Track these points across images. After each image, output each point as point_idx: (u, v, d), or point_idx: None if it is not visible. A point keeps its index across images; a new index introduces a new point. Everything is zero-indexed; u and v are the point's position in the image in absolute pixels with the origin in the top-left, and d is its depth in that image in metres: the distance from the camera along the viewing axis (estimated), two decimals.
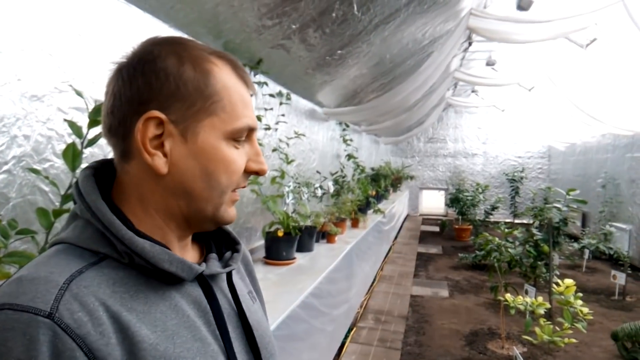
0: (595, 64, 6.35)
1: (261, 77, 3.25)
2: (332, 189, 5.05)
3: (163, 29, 2.17)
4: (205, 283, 0.66)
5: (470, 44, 6.80)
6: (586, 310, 3.16)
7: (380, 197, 7.47)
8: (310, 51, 3.41)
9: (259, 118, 3.11)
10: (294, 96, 4.13)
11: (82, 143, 1.25)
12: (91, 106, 1.25)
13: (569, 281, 3.21)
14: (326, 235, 3.93)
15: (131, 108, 0.60)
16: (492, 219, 9.37)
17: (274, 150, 3.52)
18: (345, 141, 6.26)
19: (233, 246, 0.77)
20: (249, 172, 0.67)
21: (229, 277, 0.73)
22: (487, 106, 11.30)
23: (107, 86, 0.63)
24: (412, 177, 10.88)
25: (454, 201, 9.76)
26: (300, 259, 3.16)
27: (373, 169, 8.44)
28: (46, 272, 0.53)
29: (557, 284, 3.27)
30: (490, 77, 7.86)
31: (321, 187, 4.62)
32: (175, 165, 0.61)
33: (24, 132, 1.47)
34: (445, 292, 5.77)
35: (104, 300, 0.53)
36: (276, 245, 2.98)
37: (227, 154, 0.63)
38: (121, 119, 0.61)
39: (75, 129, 1.24)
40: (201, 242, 0.76)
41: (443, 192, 13.46)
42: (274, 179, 3.28)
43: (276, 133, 3.64)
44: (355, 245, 4.09)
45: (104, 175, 0.66)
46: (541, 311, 3.32)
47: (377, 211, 6.05)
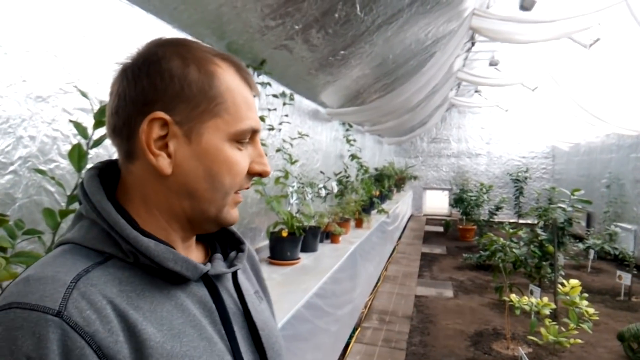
0: (599, 64, 6.33)
1: (264, 78, 3.26)
2: (336, 189, 5.06)
3: (167, 30, 2.18)
4: (211, 283, 0.66)
5: (473, 44, 6.79)
6: (592, 310, 3.15)
7: (384, 198, 7.46)
8: (313, 52, 3.42)
9: (262, 118, 3.11)
10: (297, 96, 4.13)
11: (87, 144, 1.26)
12: (96, 107, 1.25)
13: (574, 281, 3.20)
14: (330, 236, 3.93)
15: (136, 109, 0.61)
16: (496, 219, 9.34)
17: (278, 150, 3.53)
18: (348, 141, 6.26)
19: (238, 246, 0.77)
20: (252, 173, 0.67)
21: (235, 277, 0.73)
22: (491, 106, 11.27)
23: (112, 87, 0.63)
24: (415, 178, 10.87)
25: (457, 201, 9.73)
26: (305, 259, 3.16)
27: (377, 169, 8.45)
28: (53, 271, 0.53)
29: (562, 285, 3.26)
30: (494, 77, 7.84)
31: (325, 187, 4.62)
32: (179, 166, 0.62)
33: (30, 133, 1.48)
34: (449, 293, 5.76)
35: (111, 298, 0.54)
36: (280, 246, 2.99)
37: (230, 155, 0.63)
38: (126, 120, 0.61)
39: (80, 129, 1.25)
40: (206, 242, 0.77)
41: (447, 192, 13.44)
42: (277, 180, 3.28)
43: (280, 133, 3.64)
44: (359, 246, 4.09)
45: (108, 176, 0.66)
46: (546, 311, 3.31)
47: (380, 211, 6.05)
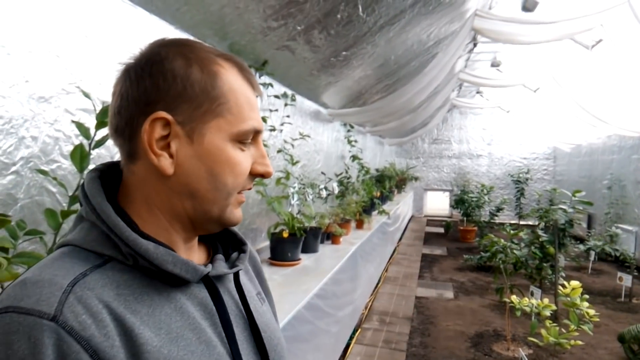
0: (601, 65, 6.32)
1: (266, 79, 3.26)
2: (337, 190, 5.05)
3: (169, 31, 2.18)
4: (212, 284, 0.66)
5: (475, 45, 6.80)
6: (592, 312, 3.14)
7: (384, 198, 7.46)
8: (315, 52, 3.42)
9: (264, 119, 3.11)
10: (298, 97, 4.13)
11: (89, 144, 1.26)
12: (98, 107, 1.25)
13: (575, 283, 3.19)
14: (331, 237, 3.93)
15: (138, 108, 0.60)
16: (497, 220, 9.33)
17: (279, 151, 3.53)
18: (349, 142, 6.26)
19: (240, 247, 0.77)
20: (254, 174, 0.67)
21: (237, 278, 0.72)
22: (492, 107, 11.27)
23: (115, 87, 0.63)
24: (416, 179, 10.86)
25: (458, 202, 9.73)
26: (305, 260, 3.16)
27: (378, 170, 8.45)
28: (50, 274, 0.53)
29: (563, 286, 3.25)
30: (495, 78, 7.84)
31: (326, 188, 4.62)
32: (181, 166, 0.61)
33: (32, 134, 1.48)
34: (450, 294, 5.75)
35: (108, 302, 0.53)
36: (281, 246, 2.99)
37: (232, 155, 0.63)
38: (128, 120, 0.61)
39: (82, 130, 1.25)
40: (208, 243, 0.76)
41: (448, 194, 13.43)
42: (279, 180, 3.29)
43: (281, 134, 3.64)
44: (360, 247, 4.09)
45: (110, 178, 0.66)
46: (547, 313, 3.30)
47: (381, 212, 6.05)
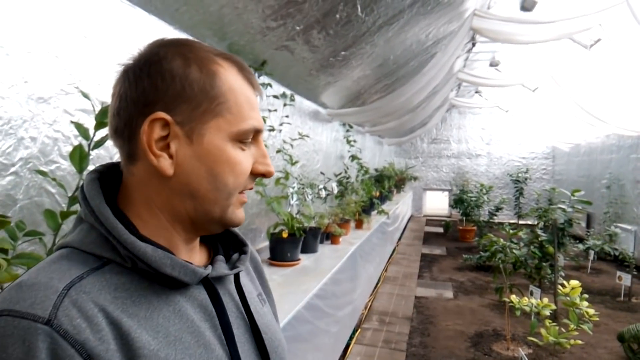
0: (600, 64, 6.33)
1: (265, 79, 3.26)
2: (336, 190, 5.06)
3: (168, 31, 2.18)
4: (211, 286, 0.65)
5: (473, 44, 6.80)
6: (592, 311, 3.14)
7: (384, 198, 7.46)
8: (314, 52, 3.42)
9: (263, 119, 3.11)
10: (297, 97, 4.13)
11: (88, 145, 1.26)
12: (98, 108, 1.25)
13: (574, 282, 3.20)
14: (330, 237, 3.93)
15: (137, 109, 0.60)
16: (497, 219, 9.34)
17: (278, 151, 3.53)
18: (349, 142, 6.26)
19: (240, 248, 0.77)
20: (255, 174, 0.66)
21: (237, 279, 0.72)
22: (491, 107, 11.29)
23: (114, 88, 0.63)
24: (415, 178, 10.87)
25: (457, 202, 9.73)
26: (305, 260, 3.16)
27: (377, 170, 8.45)
28: (46, 277, 0.53)
29: (563, 285, 3.25)
30: (494, 78, 7.84)
31: (325, 188, 4.62)
32: (181, 167, 0.61)
33: (31, 134, 1.48)
34: (449, 293, 5.75)
35: (104, 306, 0.53)
36: (281, 247, 2.99)
37: (232, 155, 0.63)
38: (127, 121, 0.61)
39: (82, 130, 1.24)
40: (209, 244, 0.76)
41: (447, 193, 13.43)
42: (278, 180, 3.28)
43: (280, 134, 3.64)
44: (360, 247, 4.09)
45: (110, 179, 0.65)
46: (547, 312, 3.31)
47: (381, 212, 6.05)
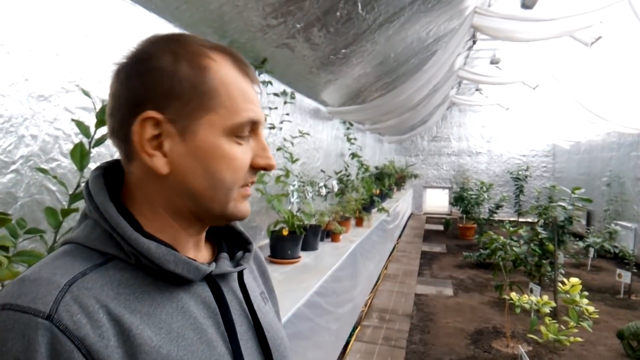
0: (600, 62, 6.32)
1: (266, 77, 3.25)
2: (337, 187, 5.06)
3: (169, 29, 2.17)
4: (215, 283, 0.65)
5: (474, 42, 6.79)
6: (592, 309, 3.15)
7: (384, 196, 7.46)
8: (315, 50, 3.41)
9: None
10: (298, 95, 4.13)
11: (89, 143, 1.26)
12: (98, 106, 1.25)
13: (574, 280, 3.20)
14: (331, 234, 3.93)
15: (129, 109, 0.60)
16: (497, 217, 9.34)
17: (279, 149, 3.53)
18: (349, 140, 6.26)
19: (245, 246, 0.77)
20: (256, 167, 0.65)
21: (241, 277, 0.72)
22: (492, 104, 11.27)
23: (109, 88, 0.63)
24: (416, 176, 10.86)
25: (458, 200, 9.73)
26: (305, 257, 3.16)
27: (377, 167, 8.45)
28: (49, 273, 0.53)
29: (563, 283, 3.25)
30: (495, 76, 7.83)
31: (325, 185, 4.63)
32: (176, 165, 0.60)
33: (32, 132, 1.48)
34: (449, 291, 5.76)
35: (105, 302, 0.53)
36: (281, 244, 2.99)
37: (228, 151, 0.62)
38: (121, 121, 0.61)
39: (82, 128, 1.24)
40: (214, 241, 0.76)
41: (447, 191, 13.43)
42: (278, 178, 3.29)
43: (281, 132, 3.64)
44: (360, 244, 4.09)
45: (114, 176, 0.65)
46: (546, 310, 3.31)
47: (381, 210, 6.05)
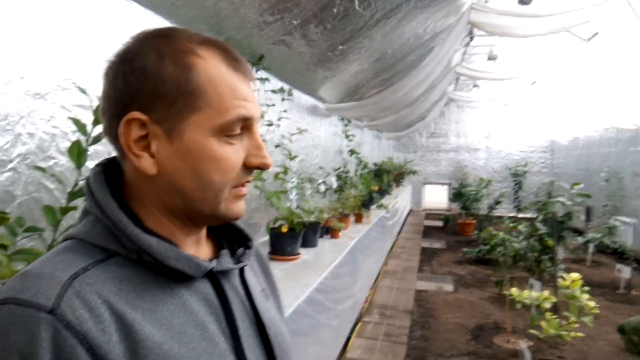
0: (598, 57, 6.32)
1: (263, 73, 3.24)
2: (335, 184, 5.05)
3: (164, 26, 2.16)
4: (216, 280, 0.65)
5: (471, 38, 6.77)
6: (592, 304, 3.16)
7: (383, 193, 7.46)
8: (312, 47, 3.41)
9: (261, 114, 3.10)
10: (295, 92, 4.12)
11: (86, 140, 1.25)
12: (95, 103, 1.25)
13: (574, 275, 3.21)
14: (330, 231, 3.93)
15: (116, 110, 0.59)
16: (496, 213, 9.35)
17: (277, 146, 3.52)
18: (347, 137, 6.26)
19: (245, 243, 0.76)
20: (250, 167, 0.63)
21: (242, 273, 0.72)
22: (489, 101, 11.28)
23: (102, 87, 0.62)
24: (414, 172, 10.86)
25: (457, 196, 9.75)
26: (305, 254, 3.16)
27: (376, 164, 8.44)
28: (51, 268, 0.53)
29: (563, 278, 3.26)
30: (492, 72, 7.82)
31: (324, 182, 4.62)
32: (164, 166, 0.59)
33: (28, 130, 1.47)
34: (449, 287, 5.77)
35: (107, 298, 0.53)
36: (280, 241, 2.99)
37: (217, 152, 0.59)
38: (110, 121, 0.60)
39: (79, 126, 1.24)
40: (216, 238, 0.76)
41: (446, 187, 13.44)
42: (277, 175, 3.28)
43: (278, 129, 3.64)
44: (359, 241, 4.09)
45: (115, 172, 0.65)
46: (547, 305, 3.32)
47: (380, 206, 6.05)
